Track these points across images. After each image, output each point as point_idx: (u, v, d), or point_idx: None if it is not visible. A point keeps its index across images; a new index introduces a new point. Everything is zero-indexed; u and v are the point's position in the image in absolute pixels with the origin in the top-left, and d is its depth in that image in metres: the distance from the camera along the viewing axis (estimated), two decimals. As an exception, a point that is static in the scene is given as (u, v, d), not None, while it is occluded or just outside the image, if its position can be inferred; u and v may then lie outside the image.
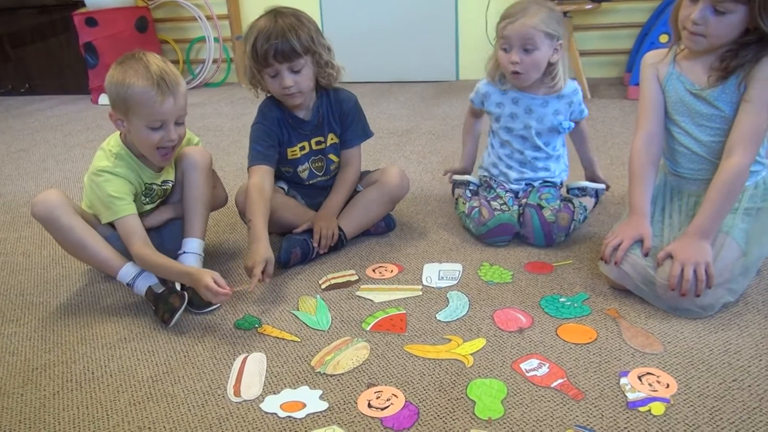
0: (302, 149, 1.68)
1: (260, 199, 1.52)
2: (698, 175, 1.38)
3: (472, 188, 1.82)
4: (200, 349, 1.26)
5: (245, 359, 1.22)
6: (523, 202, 1.66)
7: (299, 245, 1.58)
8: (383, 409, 1.05)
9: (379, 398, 1.08)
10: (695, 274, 1.22)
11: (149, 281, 1.41)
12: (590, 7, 3.46)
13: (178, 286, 1.41)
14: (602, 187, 1.80)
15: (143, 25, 4.17)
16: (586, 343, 1.20)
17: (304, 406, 1.07)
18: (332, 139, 1.70)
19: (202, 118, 3.49)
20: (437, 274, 1.52)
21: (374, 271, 1.56)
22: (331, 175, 1.75)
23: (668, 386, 1.06)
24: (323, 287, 1.49)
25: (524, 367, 1.13)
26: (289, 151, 1.67)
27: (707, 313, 1.25)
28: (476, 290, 1.43)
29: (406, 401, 1.07)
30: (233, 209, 1.80)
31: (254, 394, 1.11)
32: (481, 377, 1.11)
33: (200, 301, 1.36)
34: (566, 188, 1.80)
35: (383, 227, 1.76)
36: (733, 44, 1.25)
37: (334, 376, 1.15)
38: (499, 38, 1.61)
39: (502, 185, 1.73)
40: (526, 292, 1.40)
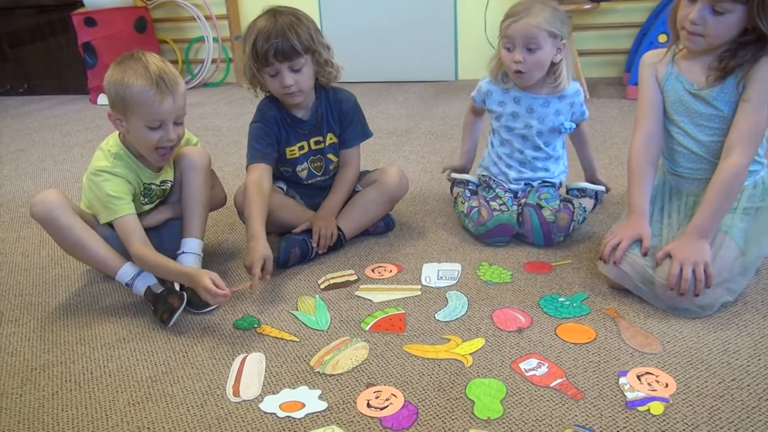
0: (301, 149, 1.68)
1: (258, 196, 1.52)
2: (697, 174, 1.38)
3: (471, 187, 1.82)
4: (199, 349, 1.26)
5: (244, 359, 1.22)
6: (522, 202, 1.66)
7: (298, 245, 1.58)
8: (382, 408, 1.05)
9: (378, 398, 1.08)
10: (694, 273, 1.22)
11: (148, 281, 1.41)
12: (589, 6, 3.47)
13: (177, 286, 1.41)
14: (602, 189, 1.80)
15: (142, 25, 4.17)
16: (585, 342, 1.20)
17: (303, 406, 1.07)
18: (331, 138, 1.70)
19: (201, 118, 3.49)
20: (436, 273, 1.52)
21: (373, 271, 1.56)
22: (330, 174, 1.75)
23: (667, 386, 1.06)
24: (322, 287, 1.49)
25: (523, 366, 1.14)
26: (287, 150, 1.67)
27: (706, 312, 1.25)
28: (475, 290, 1.43)
29: (405, 401, 1.07)
30: (232, 209, 1.80)
31: (253, 394, 1.11)
32: (480, 377, 1.11)
33: (199, 301, 1.36)
34: (566, 189, 1.80)
35: (382, 227, 1.76)
36: (731, 44, 1.25)
37: (333, 375, 1.15)
38: (502, 37, 1.61)
39: (501, 185, 1.73)
40: (525, 291, 1.40)
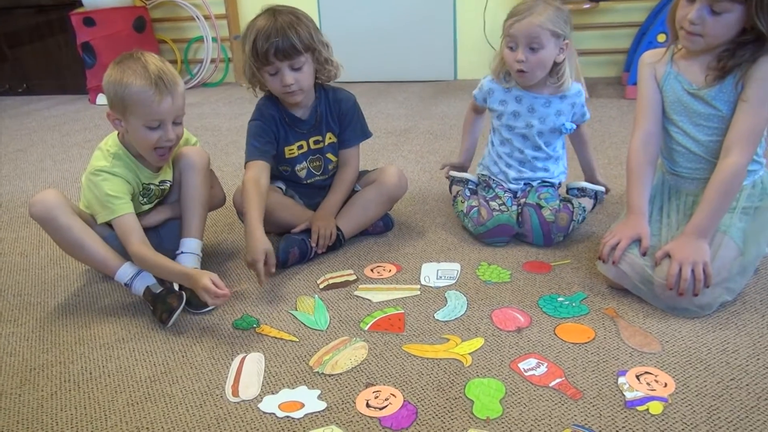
0: (300, 148, 1.68)
1: (255, 192, 1.52)
2: (696, 174, 1.38)
3: (470, 186, 1.82)
4: (198, 349, 1.26)
5: (243, 359, 1.22)
6: (521, 201, 1.66)
7: (297, 245, 1.58)
8: (382, 408, 1.05)
9: (377, 398, 1.08)
10: (693, 273, 1.22)
11: (147, 281, 1.41)
12: (588, 6, 3.47)
13: (176, 286, 1.41)
14: (602, 189, 1.80)
15: (141, 24, 4.17)
16: (584, 342, 1.20)
17: (302, 406, 1.07)
18: (330, 138, 1.70)
19: (200, 117, 3.49)
20: (435, 273, 1.52)
21: (372, 270, 1.56)
22: (329, 174, 1.75)
23: (666, 385, 1.06)
24: (321, 287, 1.49)
25: (522, 366, 1.14)
26: (286, 149, 1.67)
27: (705, 312, 1.25)
28: (474, 290, 1.43)
29: (404, 401, 1.07)
30: (231, 209, 1.80)
31: (252, 394, 1.11)
32: (479, 377, 1.11)
33: (198, 301, 1.36)
34: (566, 188, 1.80)
35: (381, 227, 1.76)
36: (730, 44, 1.25)
37: (332, 375, 1.15)
38: (505, 36, 1.61)
39: (500, 185, 1.73)
40: (524, 291, 1.41)
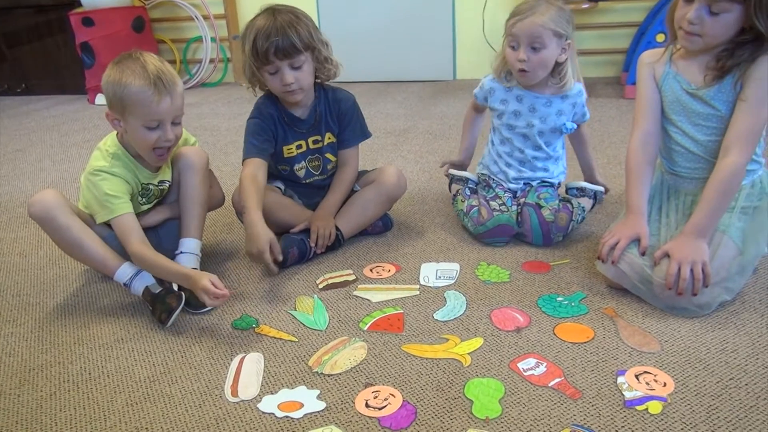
0: (299, 147, 1.68)
1: (253, 187, 1.52)
2: (695, 174, 1.39)
3: (470, 185, 1.82)
4: (197, 349, 1.26)
5: (242, 359, 1.21)
6: (521, 201, 1.66)
7: (296, 245, 1.58)
8: (381, 408, 1.05)
9: (376, 398, 1.08)
10: (692, 272, 1.22)
11: (146, 281, 1.40)
12: (587, 6, 3.47)
13: (175, 286, 1.41)
14: (601, 189, 1.80)
15: (140, 24, 4.17)
16: (583, 342, 1.20)
17: (301, 406, 1.07)
18: (329, 138, 1.70)
19: (199, 118, 3.49)
20: (435, 273, 1.52)
21: (371, 270, 1.56)
22: (328, 174, 1.75)
23: (665, 385, 1.06)
24: (320, 287, 1.49)
25: (521, 366, 1.14)
26: (285, 149, 1.67)
27: (704, 311, 1.25)
28: (474, 290, 1.43)
29: (403, 401, 1.07)
30: (230, 209, 1.80)
31: (251, 394, 1.11)
32: (478, 376, 1.11)
33: (197, 301, 1.35)
34: (565, 188, 1.80)
35: (380, 227, 1.76)
36: (728, 43, 1.25)
37: (331, 375, 1.15)
38: (507, 35, 1.61)
39: (500, 185, 1.73)
40: (523, 291, 1.41)
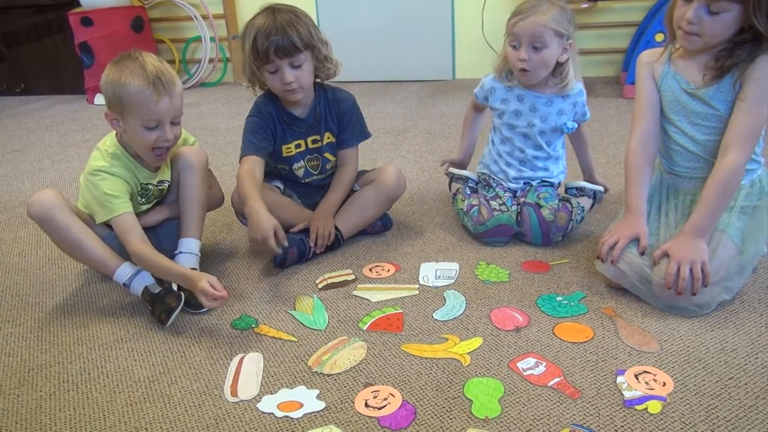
0: (298, 147, 1.68)
1: (251, 180, 1.52)
2: (694, 173, 1.39)
3: (471, 185, 1.82)
4: (197, 349, 1.26)
5: (242, 359, 1.21)
6: (521, 201, 1.66)
7: (296, 245, 1.58)
8: (380, 408, 1.05)
9: (376, 398, 1.08)
10: (691, 272, 1.22)
11: (145, 281, 1.40)
12: (586, 6, 3.47)
13: (174, 286, 1.41)
14: (600, 189, 1.80)
15: (139, 24, 4.17)
16: (582, 341, 1.20)
17: (301, 405, 1.07)
18: (329, 138, 1.70)
19: (198, 117, 3.49)
20: (434, 273, 1.52)
21: (371, 270, 1.56)
22: (326, 174, 1.74)
23: (665, 384, 1.06)
24: (320, 287, 1.49)
25: (521, 366, 1.14)
26: (283, 148, 1.67)
27: (703, 311, 1.26)
28: (473, 289, 1.43)
29: (403, 400, 1.07)
30: (229, 209, 1.80)
31: (251, 394, 1.11)
32: (478, 376, 1.12)
33: (197, 301, 1.35)
34: (564, 188, 1.80)
35: (380, 226, 1.76)
36: (727, 43, 1.25)
37: (331, 375, 1.15)
38: (508, 34, 1.61)
39: (500, 184, 1.73)
40: (522, 291, 1.41)
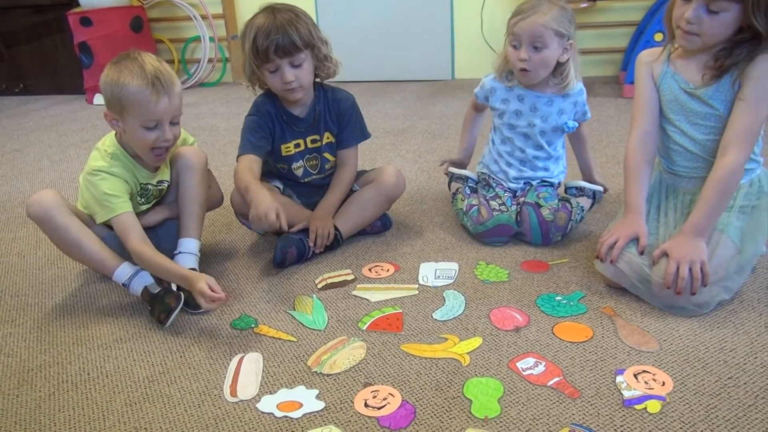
0: (297, 146, 1.68)
1: (249, 173, 1.52)
2: (693, 173, 1.39)
3: (470, 184, 1.82)
4: (196, 349, 1.26)
5: (241, 359, 1.21)
6: (520, 201, 1.66)
7: (295, 244, 1.58)
8: (380, 408, 1.05)
9: (375, 397, 1.08)
10: (690, 272, 1.22)
11: (145, 281, 1.40)
12: (585, 5, 3.47)
13: (174, 286, 1.40)
14: (600, 188, 1.80)
15: (138, 24, 4.16)
16: (582, 341, 1.20)
17: (300, 405, 1.07)
18: (328, 138, 1.70)
19: (197, 117, 3.48)
20: (433, 273, 1.52)
21: (370, 270, 1.56)
22: (326, 173, 1.74)
23: (664, 384, 1.06)
24: (319, 287, 1.49)
25: (520, 365, 1.14)
26: (282, 147, 1.67)
27: (703, 311, 1.26)
28: (472, 289, 1.43)
29: (402, 400, 1.07)
30: (229, 209, 1.80)
31: (251, 394, 1.11)
32: (477, 376, 1.12)
33: (196, 301, 1.36)
34: (564, 187, 1.80)
35: (379, 226, 1.76)
36: (727, 43, 1.25)
37: (330, 375, 1.15)
38: (509, 34, 1.60)
39: (500, 184, 1.73)
40: (522, 290, 1.41)
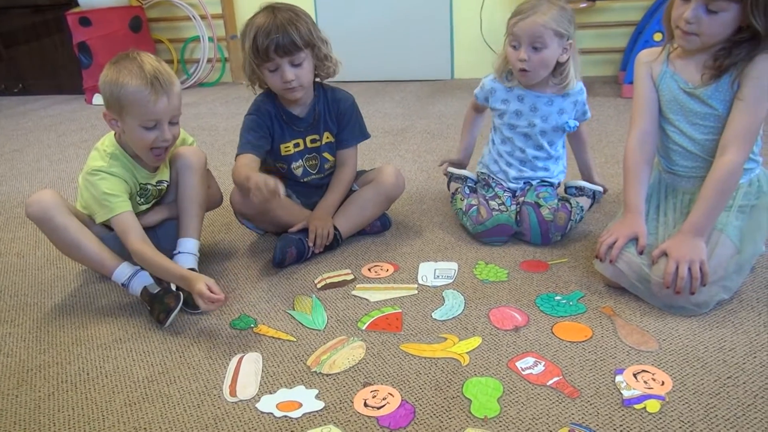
0: (296, 146, 1.68)
1: (248, 169, 1.52)
2: (692, 172, 1.39)
3: (470, 184, 1.82)
4: (196, 349, 1.26)
5: (241, 359, 1.21)
6: (520, 200, 1.66)
7: (295, 244, 1.58)
8: (379, 408, 1.05)
9: (375, 397, 1.08)
10: (690, 271, 1.22)
11: (144, 281, 1.40)
12: (585, 5, 3.47)
13: (173, 286, 1.40)
14: (600, 189, 1.80)
15: (137, 24, 4.16)
16: (581, 341, 1.20)
17: (300, 405, 1.07)
18: (328, 137, 1.70)
19: (196, 117, 3.48)
20: (433, 272, 1.52)
21: (370, 270, 1.56)
22: (325, 173, 1.74)
23: (663, 384, 1.06)
24: (319, 287, 1.49)
25: (520, 365, 1.14)
26: (282, 147, 1.67)
27: (702, 310, 1.26)
28: (472, 289, 1.43)
29: (402, 400, 1.07)
30: (228, 209, 1.79)
31: (250, 393, 1.11)
32: (476, 376, 1.12)
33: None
34: (564, 187, 1.80)
35: (379, 226, 1.76)
36: (726, 42, 1.25)
37: (330, 375, 1.15)
38: (508, 34, 1.60)
39: (500, 184, 1.73)
40: (521, 290, 1.41)
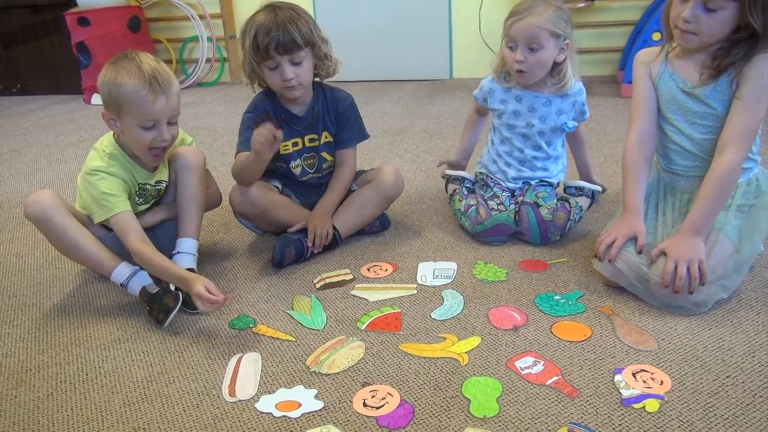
0: (295, 145, 1.68)
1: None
2: (691, 172, 1.39)
3: (467, 185, 1.82)
4: (195, 349, 1.26)
5: (240, 359, 1.21)
6: (519, 200, 1.66)
7: (294, 244, 1.58)
8: (378, 408, 1.05)
9: (374, 397, 1.08)
10: (688, 271, 1.22)
11: (143, 281, 1.40)
12: (583, 5, 3.47)
13: (172, 286, 1.40)
14: (599, 188, 1.80)
15: (136, 24, 4.16)
16: (580, 340, 1.20)
17: (299, 405, 1.07)
18: (326, 137, 1.70)
19: (195, 117, 3.48)
20: (432, 272, 1.52)
21: (369, 270, 1.56)
22: (323, 173, 1.74)
23: (662, 383, 1.06)
24: (318, 286, 1.49)
25: (519, 365, 1.14)
26: (281, 146, 1.66)
27: (701, 309, 1.26)
28: (471, 288, 1.43)
29: (401, 400, 1.07)
30: (227, 209, 1.79)
31: (249, 393, 1.11)
32: (476, 375, 1.12)
33: (195, 301, 1.36)
34: (563, 187, 1.80)
35: (378, 226, 1.76)
36: (724, 42, 1.26)
37: (329, 375, 1.15)
38: (505, 36, 1.60)
39: (498, 184, 1.73)
40: (520, 290, 1.41)
